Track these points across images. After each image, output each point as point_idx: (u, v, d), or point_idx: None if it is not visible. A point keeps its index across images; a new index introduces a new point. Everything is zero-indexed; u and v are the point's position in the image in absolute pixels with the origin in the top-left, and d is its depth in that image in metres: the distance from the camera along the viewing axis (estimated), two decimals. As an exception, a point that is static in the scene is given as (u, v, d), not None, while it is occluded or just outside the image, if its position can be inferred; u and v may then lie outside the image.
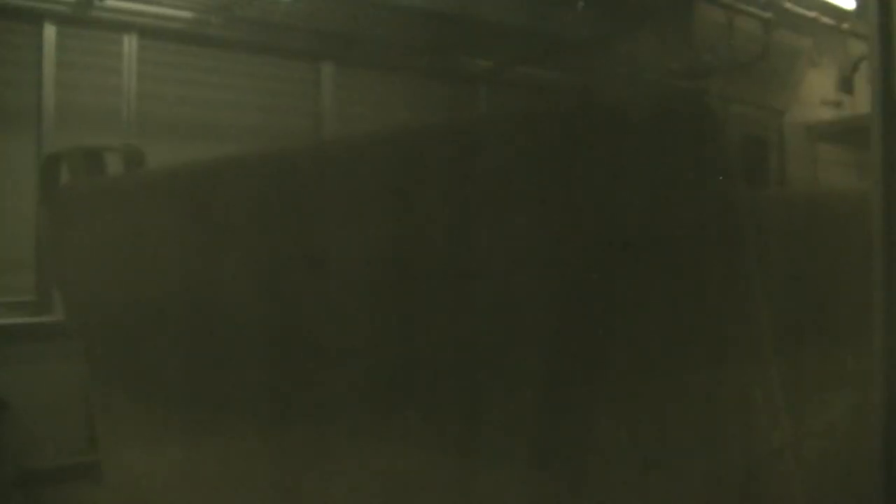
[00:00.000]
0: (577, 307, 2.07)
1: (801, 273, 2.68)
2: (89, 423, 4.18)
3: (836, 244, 2.77)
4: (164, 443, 3.13)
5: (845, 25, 8.58)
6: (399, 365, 2.37)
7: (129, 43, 5.65)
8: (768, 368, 2.14)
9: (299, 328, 2.61)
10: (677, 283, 2.09)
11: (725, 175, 2.11)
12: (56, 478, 4.68)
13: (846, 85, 8.90)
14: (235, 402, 2.86)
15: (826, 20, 8.56)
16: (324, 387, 2.58)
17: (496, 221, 2.14)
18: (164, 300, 2.98)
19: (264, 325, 2.70)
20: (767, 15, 7.87)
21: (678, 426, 2.03)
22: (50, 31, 5.34)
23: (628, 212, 2.05)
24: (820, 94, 9.03)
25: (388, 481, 2.41)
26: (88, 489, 4.23)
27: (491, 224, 2.15)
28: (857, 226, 2.37)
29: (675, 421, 2.02)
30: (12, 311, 5.14)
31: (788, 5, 8.21)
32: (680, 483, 2.00)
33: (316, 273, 2.49)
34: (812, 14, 8.46)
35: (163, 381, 3.11)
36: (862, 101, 8.58)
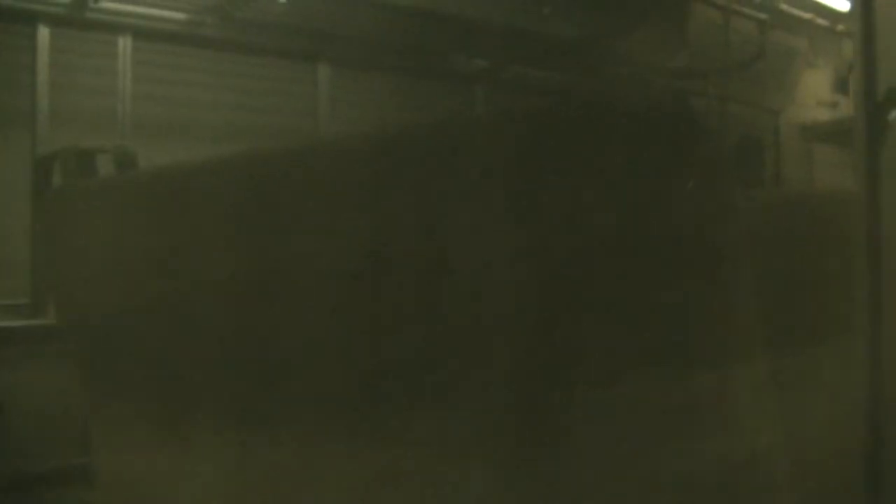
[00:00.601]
0: (563, 305, 2.07)
1: (794, 273, 2.69)
2: (83, 426, 4.18)
3: (830, 244, 2.77)
4: (156, 445, 3.13)
5: (840, 27, 8.59)
6: (389, 361, 2.38)
7: (124, 44, 5.65)
8: (758, 368, 2.15)
9: (292, 328, 2.61)
10: (669, 282, 2.10)
11: (720, 175, 2.11)
12: (50, 480, 4.67)
13: (842, 86, 8.90)
14: (228, 404, 2.86)
15: (821, 21, 8.58)
16: (316, 387, 2.58)
17: (482, 220, 2.14)
18: (156, 301, 2.98)
19: (258, 326, 2.70)
20: (763, 16, 7.89)
21: (659, 424, 2.03)
22: (44, 33, 5.34)
23: (620, 211, 2.06)
24: (816, 94, 9.03)
25: (375, 479, 2.42)
26: (82, 492, 4.23)
27: (477, 222, 2.15)
28: (852, 226, 2.37)
29: (657, 419, 2.03)
30: (7, 314, 5.13)
31: (784, 7, 8.23)
32: (656, 481, 2.00)
33: (306, 272, 2.49)
34: (808, 16, 8.48)
35: (156, 383, 3.11)
36: (858, 102, 8.54)
